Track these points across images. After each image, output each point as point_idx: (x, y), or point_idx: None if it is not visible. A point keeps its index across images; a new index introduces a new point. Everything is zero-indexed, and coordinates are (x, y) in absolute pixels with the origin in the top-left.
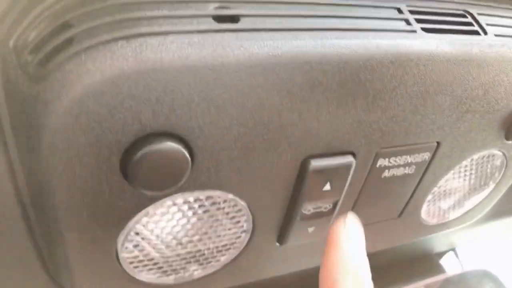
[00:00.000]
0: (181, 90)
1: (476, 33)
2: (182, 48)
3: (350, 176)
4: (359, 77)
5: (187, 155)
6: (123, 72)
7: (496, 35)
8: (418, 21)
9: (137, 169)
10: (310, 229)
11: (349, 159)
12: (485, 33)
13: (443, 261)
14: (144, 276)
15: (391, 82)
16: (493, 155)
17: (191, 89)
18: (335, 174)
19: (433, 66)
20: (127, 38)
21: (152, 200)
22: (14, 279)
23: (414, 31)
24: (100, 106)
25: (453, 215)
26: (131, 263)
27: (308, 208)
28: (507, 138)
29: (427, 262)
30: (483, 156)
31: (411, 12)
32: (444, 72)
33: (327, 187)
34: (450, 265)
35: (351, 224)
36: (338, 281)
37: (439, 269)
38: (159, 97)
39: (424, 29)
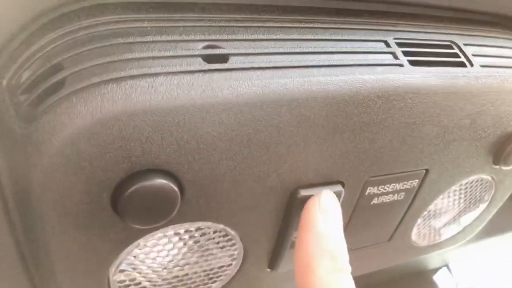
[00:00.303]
0: (170, 129)
1: (462, 64)
2: (171, 90)
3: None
4: (346, 112)
5: (177, 190)
6: (113, 114)
7: (482, 66)
8: (405, 53)
9: (127, 205)
10: None
11: (338, 188)
12: (471, 64)
13: (436, 277)
14: None
15: (378, 115)
16: (482, 179)
17: (180, 128)
18: None
19: (419, 99)
20: (117, 80)
21: (143, 233)
22: None
23: (401, 65)
24: (91, 147)
25: (443, 236)
26: None
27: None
28: (495, 163)
29: (421, 278)
30: (472, 181)
31: (398, 44)
32: (430, 105)
33: None
34: (444, 282)
35: (326, 203)
36: (312, 265)
37: (432, 286)
38: (148, 136)
39: (411, 62)
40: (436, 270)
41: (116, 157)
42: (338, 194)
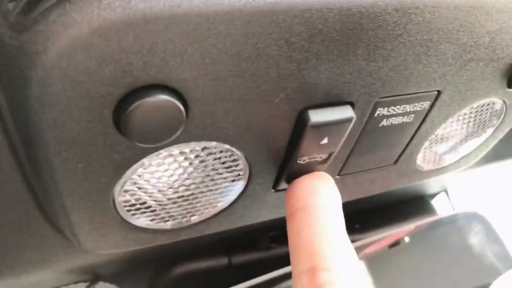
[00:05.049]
0: (173, 40)
1: None
2: None
3: (348, 130)
4: (361, 25)
5: (182, 107)
6: (112, 24)
7: None
8: None
9: (130, 122)
10: None
11: (350, 113)
12: None
13: (434, 202)
14: (142, 222)
15: (394, 30)
16: (493, 103)
17: (184, 40)
18: (334, 129)
19: (439, 13)
20: None
21: (148, 152)
22: (14, 228)
23: None
24: (89, 59)
25: (448, 160)
26: (129, 211)
27: (304, 158)
28: (509, 86)
29: (419, 202)
30: (484, 104)
31: None
32: (450, 20)
33: (325, 140)
34: (442, 206)
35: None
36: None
37: (430, 210)
38: (150, 48)
39: None
40: (434, 195)
41: (116, 70)
42: (349, 120)
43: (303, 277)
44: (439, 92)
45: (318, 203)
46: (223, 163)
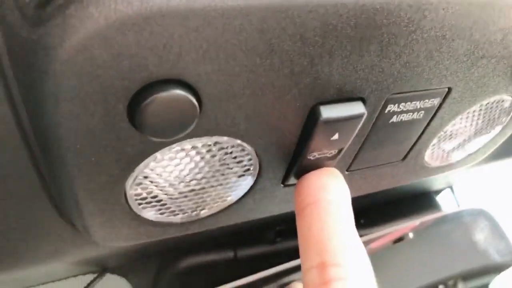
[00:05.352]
0: (189, 35)
1: None
2: None
3: (359, 126)
4: (375, 21)
5: (195, 102)
6: (129, 18)
7: None
8: None
9: (144, 116)
10: None
11: (361, 109)
12: None
13: (439, 198)
14: (152, 215)
15: (407, 26)
16: (503, 100)
17: (199, 35)
18: (345, 125)
19: (453, 10)
20: None
21: (160, 146)
22: (24, 220)
23: None
24: (105, 53)
25: (455, 157)
26: (140, 204)
27: (313, 154)
28: None
29: (424, 198)
30: (493, 101)
31: None
32: (464, 16)
33: (335, 136)
34: (447, 203)
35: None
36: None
37: (435, 206)
38: (166, 43)
39: None
40: (439, 191)
41: (132, 65)
42: (360, 116)
43: (313, 272)
44: (449, 89)
45: (328, 198)
46: (234, 157)
